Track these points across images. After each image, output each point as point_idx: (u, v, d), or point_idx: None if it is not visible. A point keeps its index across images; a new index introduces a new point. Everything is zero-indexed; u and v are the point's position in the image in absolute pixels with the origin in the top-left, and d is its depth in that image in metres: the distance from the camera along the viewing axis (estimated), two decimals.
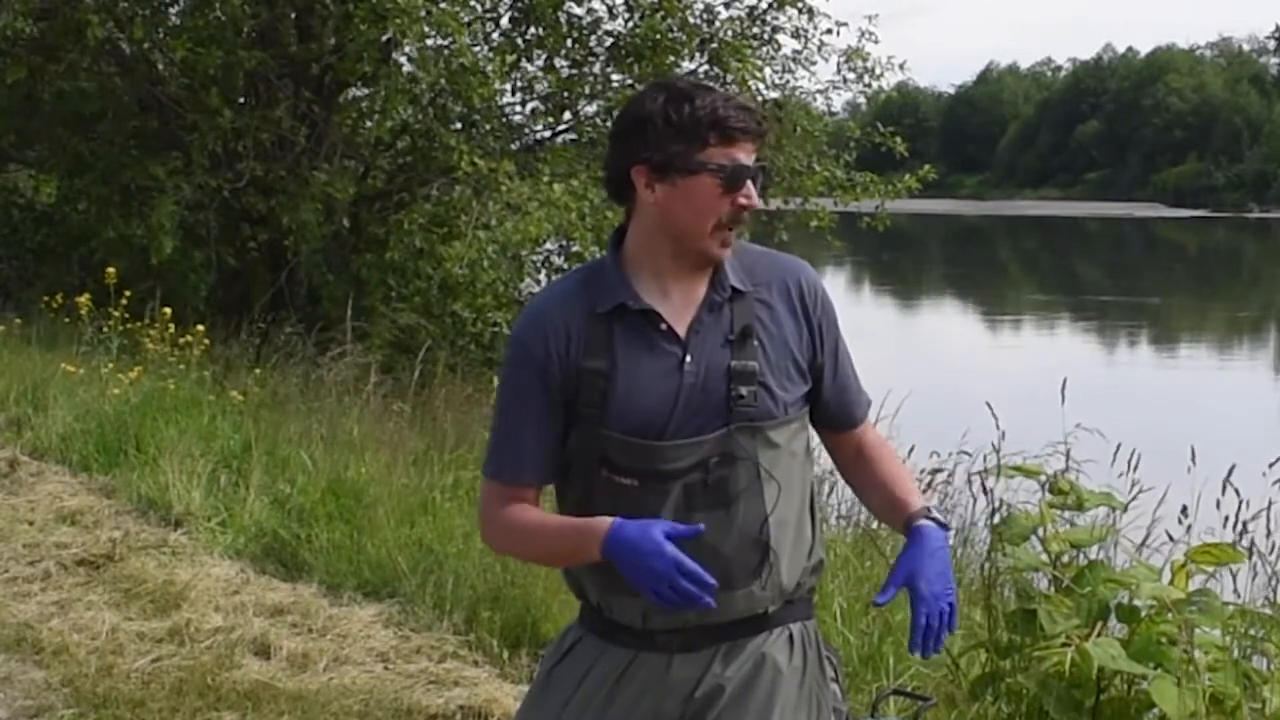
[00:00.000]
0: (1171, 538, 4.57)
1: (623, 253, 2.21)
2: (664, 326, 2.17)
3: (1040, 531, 3.86)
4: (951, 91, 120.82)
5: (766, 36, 12.92)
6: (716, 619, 2.18)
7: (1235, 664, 3.55)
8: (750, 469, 2.16)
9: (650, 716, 2.21)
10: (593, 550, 2.09)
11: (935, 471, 6.47)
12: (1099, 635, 3.60)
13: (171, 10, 13.02)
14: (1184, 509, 4.51)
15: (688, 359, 2.16)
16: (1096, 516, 4.03)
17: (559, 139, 13.22)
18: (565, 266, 12.05)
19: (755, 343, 2.18)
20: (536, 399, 2.19)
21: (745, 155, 2.13)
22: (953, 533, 6.45)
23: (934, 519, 2.20)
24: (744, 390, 2.15)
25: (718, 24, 12.53)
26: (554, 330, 2.17)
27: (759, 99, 11.95)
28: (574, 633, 2.30)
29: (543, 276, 12.57)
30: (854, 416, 2.33)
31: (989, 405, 4.59)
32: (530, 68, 12.76)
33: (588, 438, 2.16)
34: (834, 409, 2.30)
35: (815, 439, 2.34)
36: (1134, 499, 4.50)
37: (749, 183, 2.14)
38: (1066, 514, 3.91)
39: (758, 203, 2.15)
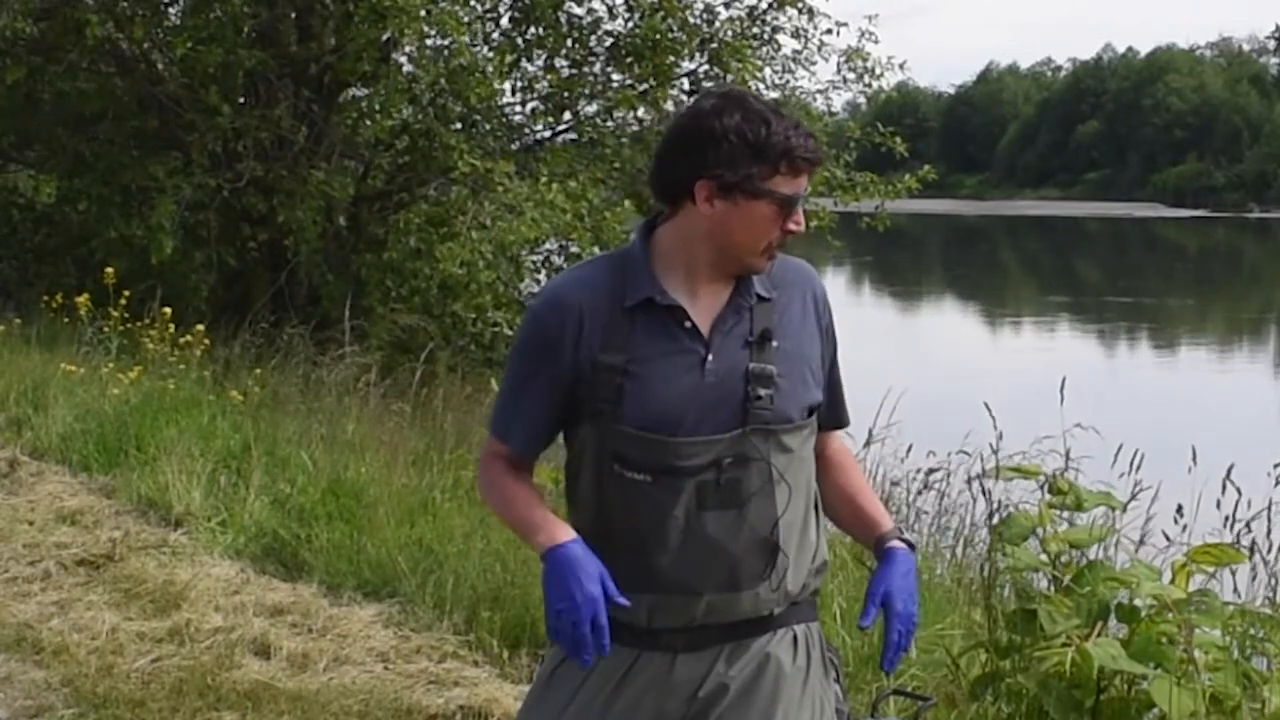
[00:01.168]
0: (1168, 538, 4.57)
1: (652, 246, 2.21)
2: (688, 324, 2.17)
3: (1039, 531, 3.85)
4: (951, 91, 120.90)
5: (766, 36, 12.94)
6: (722, 619, 2.19)
7: (1235, 664, 3.54)
8: (763, 470, 2.16)
9: (653, 716, 2.22)
10: (540, 541, 2.15)
11: (932, 471, 6.48)
12: (1099, 635, 3.60)
13: (171, 10, 13.02)
14: (1179, 508, 4.52)
15: (710, 357, 2.16)
16: (1095, 516, 4.03)
17: (559, 139, 13.22)
18: (565, 267, 12.03)
19: (774, 346, 2.19)
20: (541, 374, 2.21)
21: (803, 183, 2.16)
22: (952, 532, 6.47)
23: (905, 540, 2.28)
24: (761, 392, 2.16)
25: (718, 24, 12.55)
26: (572, 315, 2.17)
27: None
28: None
29: (542, 276, 12.59)
30: (839, 420, 2.37)
31: (986, 406, 4.59)
32: (530, 68, 12.79)
33: (601, 433, 2.16)
34: (823, 413, 2.31)
35: None
36: (1133, 499, 4.50)
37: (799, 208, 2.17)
38: (1065, 514, 3.91)
39: (803, 227, 2.18)
